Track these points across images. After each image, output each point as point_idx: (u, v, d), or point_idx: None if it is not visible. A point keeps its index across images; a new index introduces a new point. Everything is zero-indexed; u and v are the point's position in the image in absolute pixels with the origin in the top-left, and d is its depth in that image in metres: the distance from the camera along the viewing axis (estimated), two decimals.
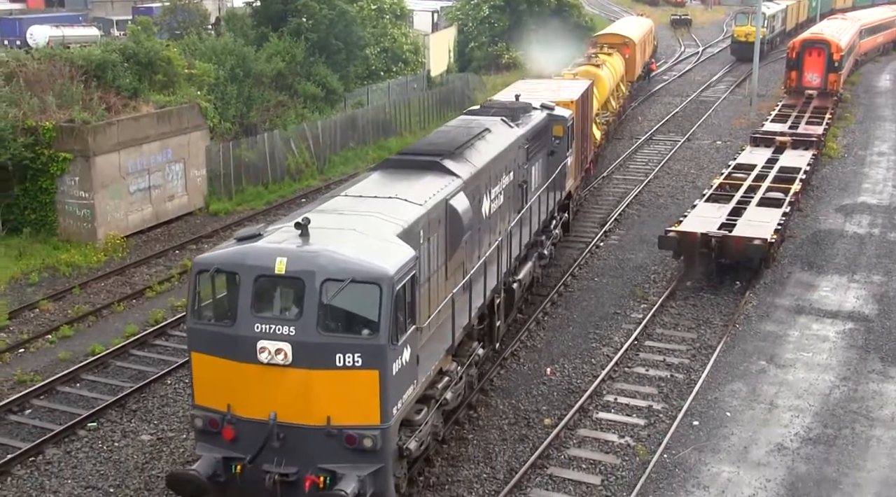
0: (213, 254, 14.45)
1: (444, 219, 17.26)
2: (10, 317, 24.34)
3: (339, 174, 38.16)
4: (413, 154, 19.52)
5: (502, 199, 21.59)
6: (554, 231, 26.58)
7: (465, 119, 24.04)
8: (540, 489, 16.73)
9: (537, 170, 24.90)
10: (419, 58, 54.30)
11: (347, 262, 13.49)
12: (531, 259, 23.79)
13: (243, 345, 13.62)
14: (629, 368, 21.48)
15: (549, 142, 25.80)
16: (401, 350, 13.96)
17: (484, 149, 20.68)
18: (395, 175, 18.17)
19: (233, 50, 40.13)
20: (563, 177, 26.62)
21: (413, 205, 16.37)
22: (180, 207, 33.42)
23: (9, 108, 28.93)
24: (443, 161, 18.62)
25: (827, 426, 18.73)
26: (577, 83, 33.31)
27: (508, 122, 23.35)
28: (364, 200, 16.46)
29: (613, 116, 43.68)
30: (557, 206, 26.82)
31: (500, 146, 21.51)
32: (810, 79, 49.19)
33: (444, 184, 17.86)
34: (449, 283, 17.65)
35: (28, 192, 30.10)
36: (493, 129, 22.13)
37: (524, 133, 23.42)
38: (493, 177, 20.60)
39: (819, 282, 26.46)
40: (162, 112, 32.34)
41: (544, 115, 25.74)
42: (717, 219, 27.41)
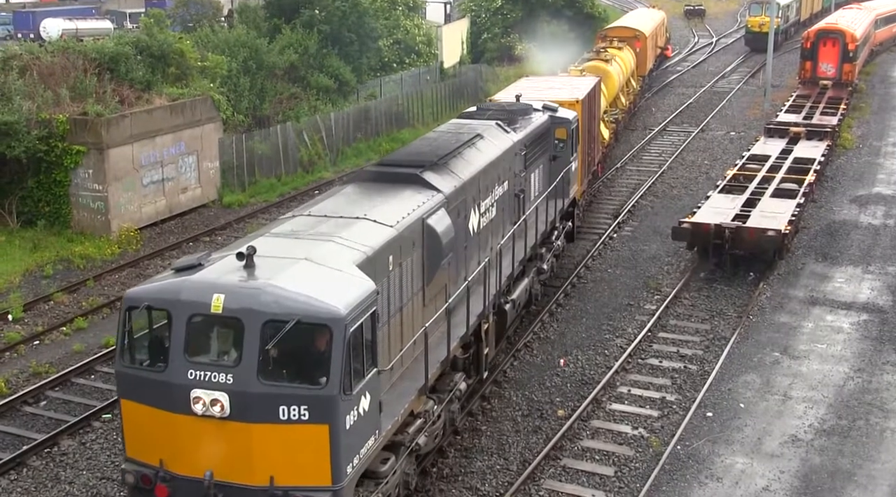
0: (144, 287, 12.84)
1: (420, 240, 15.64)
2: (25, 309, 24.46)
3: (352, 166, 38.17)
4: (391, 166, 17.69)
5: (494, 212, 19.93)
6: (556, 243, 24.70)
7: (456, 123, 22.19)
8: (553, 480, 16.73)
9: (537, 177, 23.29)
10: (432, 49, 54.25)
11: (293, 300, 11.79)
12: (529, 275, 22.00)
13: (176, 394, 12.01)
14: (643, 360, 21.46)
15: (550, 146, 24.19)
16: (357, 399, 12.24)
17: (473, 158, 18.99)
18: (369, 190, 16.48)
19: (245, 42, 40.17)
20: (566, 183, 24.86)
21: (382, 227, 14.66)
22: (193, 200, 33.50)
23: (23, 101, 29.03)
24: (423, 174, 16.91)
25: (841, 418, 18.67)
26: (583, 81, 31.70)
27: (504, 127, 21.57)
28: (327, 221, 14.64)
29: (623, 114, 42.38)
30: (560, 216, 25.03)
31: (493, 154, 19.82)
32: (825, 69, 48.89)
33: (423, 200, 16.19)
34: (428, 310, 15.98)
35: (42, 185, 30.22)
36: (485, 135, 20.41)
37: (522, 138, 21.75)
38: (482, 189, 18.96)
39: (833, 273, 26.35)
40: (175, 104, 32.40)
41: (546, 118, 24.06)
42: (731, 210, 27.33)
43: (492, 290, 18.58)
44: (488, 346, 18.85)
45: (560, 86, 30.31)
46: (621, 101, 41.84)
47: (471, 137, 19.85)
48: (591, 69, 37.06)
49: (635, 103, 47.42)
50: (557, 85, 30.56)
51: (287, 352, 11.86)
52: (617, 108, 40.55)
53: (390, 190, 16.36)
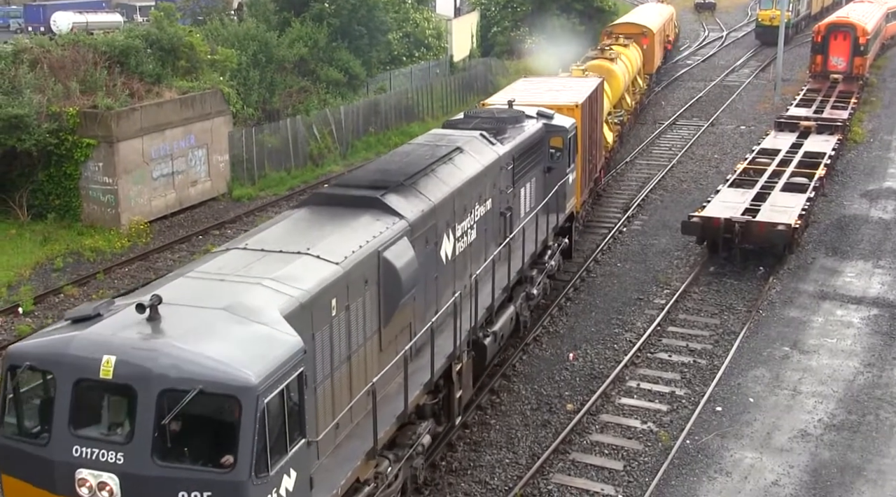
0: (29, 342, 10.86)
1: (375, 277, 13.77)
2: (36, 302, 24.54)
3: (362, 159, 38.18)
4: (349, 187, 15.73)
5: (474, 235, 18.15)
6: (549, 263, 22.74)
7: (436, 134, 20.20)
8: (562, 474, 16.73)
9: (528, 192, 21.57)
10: (441, 43, 54.20)
11: (197, 365, 9.87)
12: (516, 300, 20.25)
13: (59, 473, 10.17)
14: (652, 354, 21.44)
15: (545, 157, 22.61)
16: (276, 481, 10.30)
17: (448, 176, 17.15)
18: (321, 216, 14.54)
19: (255, 35, 40.20)
20: (562, 197, 23.06)
21: (325, 264, 12.67)
22: (203, 193, 33.55)
23: (33, 95, 29.08)
24: (385, 197, 15.03)
25: (851, 412, 18.64)
26: (584, 82, 29.96)
27: (489, 138, 19.69)
28: (263, 258, 12.63)
29: (629, 115, 40.81)
30: (554, 232, 23.25)
31: (473, 170, 18.01)
32: (836, 63, 48.74)
33: (381, 229, 14.32)
34: (386, 355, 14.20)
35: (52, 178, 30.30)
36: (466, 149, 18.50)
37: (509, 150, 20.02)
38: (459, 210, 17.16)
39: (843, 267, 26.28)
40: (185, 98, 32.44)
41: (540, 126, 22.38)
42: (741, 204, 27.28)
43: (466, 325, 16.68)
44: (462, 388, 16.81)
45: (559, 88, 28.83)
46: (626, 102, 40.33)
47: (448, 152, 17.99)
48: (594, 69, 35.57)
49: (642, 103, 46.04)
50: (557, 87, 29.13)
51: (189, 427, 10.00)
52: (622, 109, 39.08)
53: (345, 216, 14.42)
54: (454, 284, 17.17)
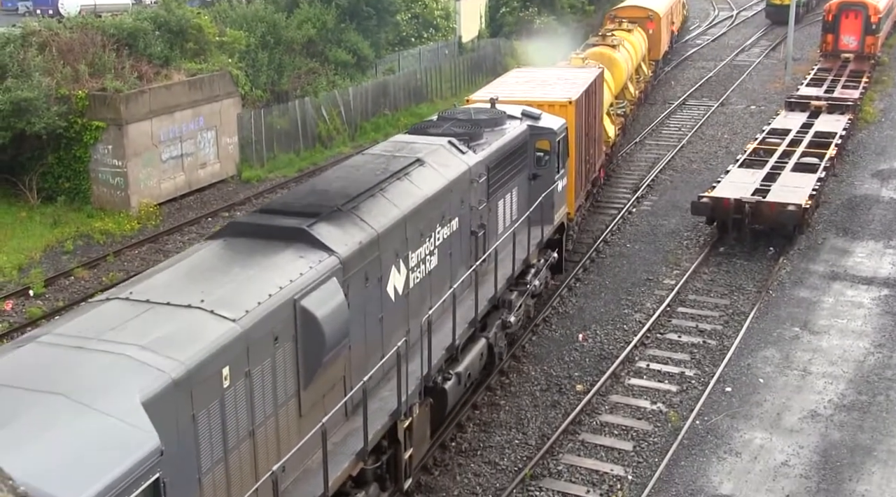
0: None
1: (290, 331, 11.48)
2: (46, 284, 24.62)
3: (371, 141, 38.13)
4: (276, 213, 13.38)
5: (434, 261, 15.90)
6: (532, 283, 20.13)
7: (397, 142, 17.73)
8: (572, 455, 16.77)
9: (507, 205, 19.40)
10: (450, 23, 53.99)
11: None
12: (490, 330, 17.77)
13: None
14: (661, 335, 21.43)
15: (529, 163, 20.51)
16: None
17: (401, 196, 14.88)
18: (235, 252, 12.26)
19: (263, 17, 40.08)
20: (548, 208, 20.83)
21: (219, 321, 10.38)
22: (213, 175, 33.57)
23: (42, 78, 29.10)
24: (313, 227, 12.71)
25: (861, 393, 18.62)
26: (582, 73, 27.65)
27: (458, 147, 17.32)
28: (144, 312, 10.35)
29: (632, 105, 38.67)
30: (539, 247, 20.88)
31: (434, 187, 15.72)
32: (847, 42, 48.41)
33: (303, 268, 11.99)
34: (307, 421, 11.90)
35: (62, 161, 30.36)
36: (428, 161, 16.23)
37: (484, 159, 17.73)
38: (413, 236, 14.93)
39: (854, 248, 26.20)
40: (193, 80, 32.42)
41: (524, 128, 20.14)
42: (751, 184, 27.19)
43: (420, 372, 14.51)
44: (413, 445, 14.47)
45: (554, 80, 26.49)
46: (630, 92, 38.05)
47: (404, 166, 15.73)
48: (595, 57, 33.26)
49: (647, 92, 44.01)
50: (551, 79, 26.72)
51: None
52: (625, 100, 37.21)
53: (263, 253, 12.17)
54: (408, 323, 14.91)
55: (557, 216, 21.86)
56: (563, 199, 22.33)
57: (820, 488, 15.62)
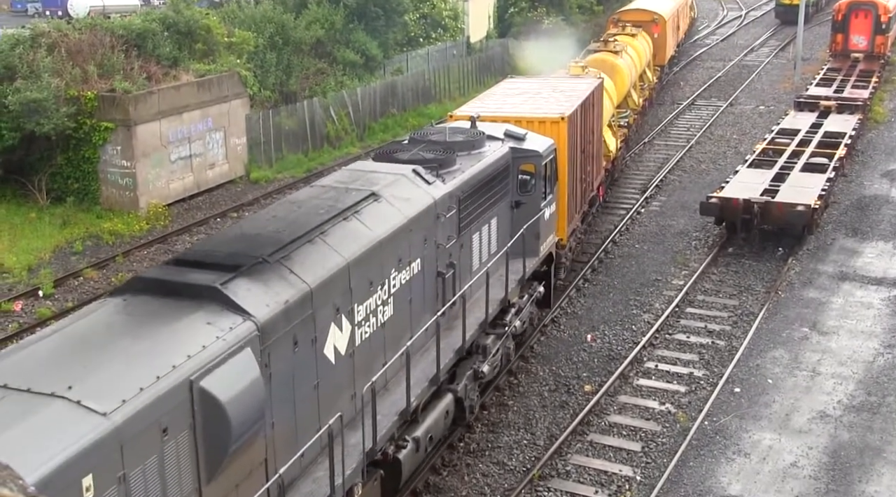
0: None
1: (184, 420, 9.64)
2: (56, 285, 24.68)
3: (379, 141, 38.15)
4: (189, 265, 11.46)
5: (389, 311, 14.00)
6: (512, 323, 18.17)
7: (354, 171, 15.82)
8: (580, 455, 16.75)
9: (484, 238, 17.52)
10: (458, 24, 53.99)
11: None
12: (460, 380, 15.98)
13: None
14: (670, 335, 21.40)
15: (511, 189, 18.66)
16: None
17: (345, 240, 12.99)
18: (132, 317, 10.45)
19: (272, 18, 40.13)
20: (533, 238, 18.98)
21: (85, 415, 8.59)
22: (221, 175, 33.62)
23: (51, 79, 29.17)
24: (228, 285, 10.81)
25: (871, 394, 18.56)
26: (579, 85, 25.66)
27: (424, 176, 15.48)
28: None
29: (636, 114, 36.92)
30: (522, 283, 18.80)
31: (389, 225, 13.88)
32: (857, 41, 48.28)
33: (207, 340, 10.08)
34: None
35: (71, 162, 30.43)
36: (385, 194, 14.40)
37: (455, 189, 15.88)
38: (360, 286, 13.02)
39: (863, 248, 26.13)
40: (202, 81, 32.47)
41: (505, 151, 18.31)
42: (760, 184, 27.13)
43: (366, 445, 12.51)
44: None
45: (547, 93, 24.69)
46: (633, 100, 36.56)
47: (356, 202, 13.84)
48: (596, 63, 31.52)
49: (652, 100, 42.17)
50: (544, 91, 24.93)
51: None
52: (628, 109, 35.55)
53: (164, 318, 10.31)
54: (353, 386, 13.01)
55: (544, 247, 19.95)
56: (551, 228, 20.45)
57: (829, 489, 15.58)
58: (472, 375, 16.44)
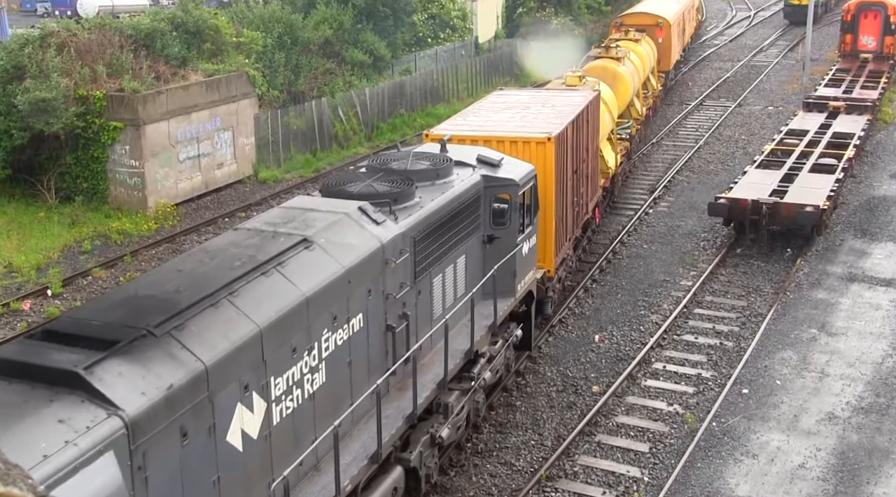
0: None
1: None
2: (64, 284, 24.74)
3: (387, 141, 38.17)
4: (57, 340, 9.43)
5: (321, 378, 11.96)
6: (481, 375, 16.23)
7: (290, 209, 13.61)
8: (588, 456, 16.74)
9: (447, 281, 15.48)
10: (467, 24, 54.01)
11: None
12: (414, 447, 14.02)
13: None
14: (678, 336, 21.37)
15: (483, 222, 16.62)
16: None
17: (260, 300, 10.94)
18: None
19: (280, 17, 40.17)
20: (507, 276, 17.07)
21: None
22: (229, 175, 33.66)
23: (60, 78, 29.24)
24: (95, 369, 8.87)
25: (879, 395, 18.51)
26: (572, 99, 23.61)
27: (371, 215, 13.42)
28: None
29: (639, 124, 34.83)
30: (493, 329, 16.76)
31: (320, 279, 11.84)
32: (866, 42, 48.16)
33: (55, 445, 8.14)
34: None
35: (80, 161, 30.50)
36: (320, 240, 12.35)
37: (409, 229, 13.88)
38: (278, 355, 11.00)
39: (872, 249, 26.07)
40: (210, 80, 32.52)
41: (476, 179, 16.32)
42: (769, 185, 27.09)
43: None
44: None
45: (537, 107, 22.76)
46: (636, 109, 34.50)
47: (281, 251, 11.80)
48: (596, 71, 30.01)
49: (656, 107, 40.15)
50: (534, 105, 22.98)
51: None
52: (630, 119, 33.47)
53: (6, 411, 8.42)
54: (272, 472, 10.98)
55: (523, 285, 18.01)
56: (530, 263, 18.52)
57: (837, 491, 15.55)
58: (428, 441, 14.38)
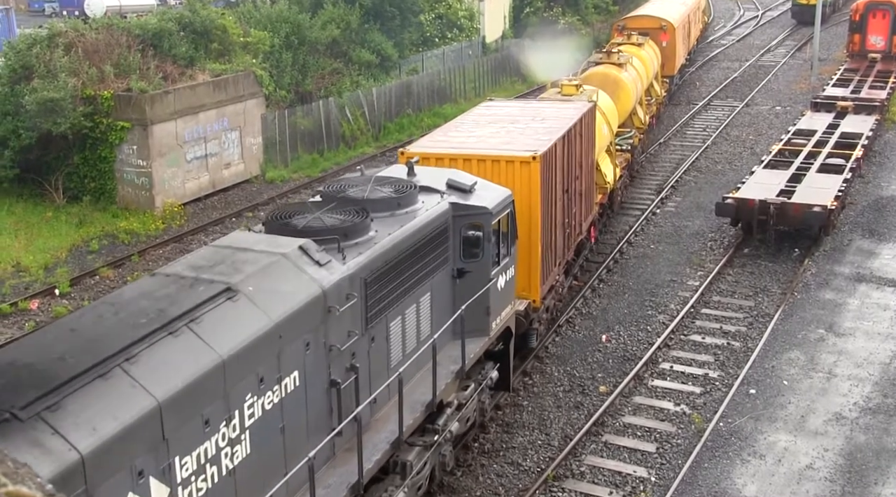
0: None
1: None
2: (72, 283, 24.80)
3: (395, 141, 38.18)
4: None
5: (244, 451, 10.35)
6: (448, 427, 14.59)
7: (220, 250, 11.72)
8: (595, 456, 16.72)
9: (408, 324, 13.81)
10: (474, 24, 54.01)
11: None
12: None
13: None
14: (685, 336, 21.34)
15: (451, 255, 14.95)
16: None
17: (162, 366, 9.27)
18: None
19: (288, 17, 40.21)
20: (479, 314, 15.43)
21: None
22: (237, 175, 33.70)
23: (68, 78, 29.30)
24: None
25: (887, 396, 18.46)
26: (564, 111, 22.14)
27: (313, 256, 11.70)
28: None
29: (641, 133, 32.99)
30: (461, 375, 15.04)
31: (243, 335, 10.15)
32: (874, 42, 48.04)
33: None
34: None
35: (87, 161, 30.56)
36: (246, 288, 10.64)
37: (359, 269, 12.21)
38: (185, 430, 9.38)
39: (880, 249, 25.99)
40: (218, 80, 32.56)
41: (444, 208, 14.66)
42: (776, 185, 27.03)
43: None
44: None
45: (526, 120, 21.16)
46: (639, 118, 32.78)
47: (198, 303, 10.12)
48: (597, 78, 28.84)
49: (659, 113, 38.67)
50: (523, 119, 21.33)
51: None
52: (632, 128, 31.90)
53: None
54: None
55: (498, 322, 16.34)
56: (507, 297, 16.79)
57: (845, 492, 15.51)
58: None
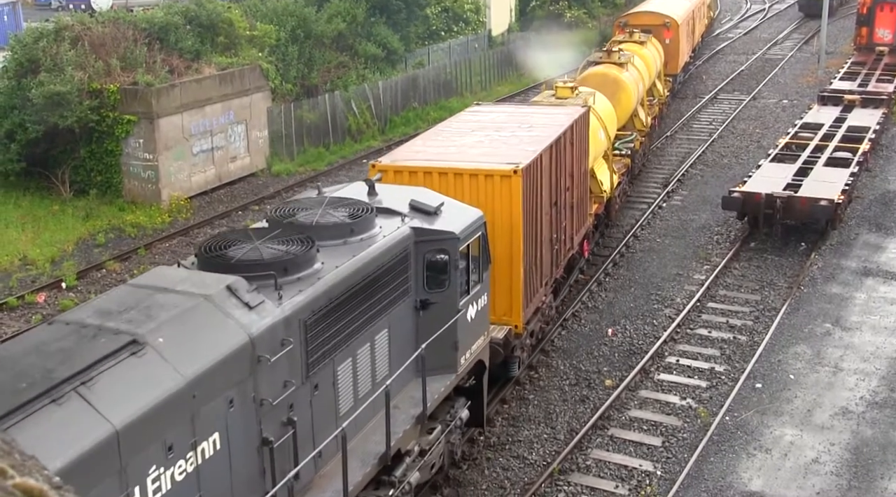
0: None
1: None
2: (79, 277, 24.84)
3: (401, 135, 38.16)
4: None
5: None
6: (406, 479, 13.02)
7: (135, 290, 10.37)
8: (601, 450, 16.73)
9: (361, 366, 12.37)
10: (480, 17, 53.95)
11: None
12: None
13: None
14: (691, 330, 21.32)
15: (413, 286, 13.51)
16: None
17: (43, 440, 8.01)
18: None
19: (294, 11, 40.19)
20: (447, 349, 14.03)
21: None
22: (243, 168, 33.72)
23: (75, 72, 29.33)
24: None
25: (893, 390, 18.44)
26: (555, 117, 20.61)
27: (241, 297, 10.33)
28: None
29: (643, 135, 31.57)
30: (422, 420, 13.63)
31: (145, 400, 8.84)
32: (882, 35, 47.84)
33: None
34: None
35: (94, 155, 30.60)
36: (155, 340, 9.31)
37: (297, 311, 10.81)
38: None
39: (887, 243, 25.94)
40: (224, 74, 32.57)
41: (405, 234, 13.22)
42: (783, 179, 26.98)
43: None
44: None
45: (512, 129, 19.60)
46: (640, 120, 31.27)
47: (93, 362, 8.82)
48: (596, 79, 27.61)
49: (662, 113, 37.31)
50: (509, 126, 19.84)
51: None
52: (634, 130, 30.55)
53: None
54: None
55: (468, 356, 14.84)
56: (480, 327, 15.30)
57: (851, 486, 15.50)
58: None
